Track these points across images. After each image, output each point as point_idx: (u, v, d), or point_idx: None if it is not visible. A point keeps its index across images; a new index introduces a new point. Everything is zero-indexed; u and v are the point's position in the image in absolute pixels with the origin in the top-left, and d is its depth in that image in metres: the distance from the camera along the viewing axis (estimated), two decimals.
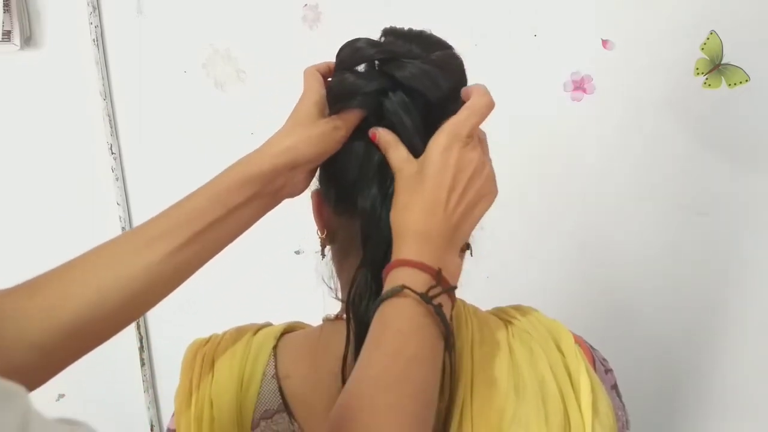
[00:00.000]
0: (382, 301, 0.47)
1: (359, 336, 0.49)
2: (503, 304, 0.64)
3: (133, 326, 1.31)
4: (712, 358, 1.14)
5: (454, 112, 0.51)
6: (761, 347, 1.11)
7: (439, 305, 0.47)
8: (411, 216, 0.50)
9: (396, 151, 0.51)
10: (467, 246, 0.57)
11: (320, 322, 0.59)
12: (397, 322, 0.46)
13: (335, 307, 0.58)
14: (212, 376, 0.57)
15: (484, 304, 0.63)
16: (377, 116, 0.52)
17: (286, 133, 0.54)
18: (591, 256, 1.14)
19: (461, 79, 0.55)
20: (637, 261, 1.12)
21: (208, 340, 0.60)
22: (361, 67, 0.53)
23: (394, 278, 0.48)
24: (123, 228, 1.27)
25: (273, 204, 0.56)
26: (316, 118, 0.53)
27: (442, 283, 0.48)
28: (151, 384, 1.37)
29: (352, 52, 0.53)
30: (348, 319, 0.51)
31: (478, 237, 0.59)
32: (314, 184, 0.58)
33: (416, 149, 0.51)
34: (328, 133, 0.53)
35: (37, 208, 1.30)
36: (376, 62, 0.53)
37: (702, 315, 1.12)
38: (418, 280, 0.47)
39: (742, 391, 1.14)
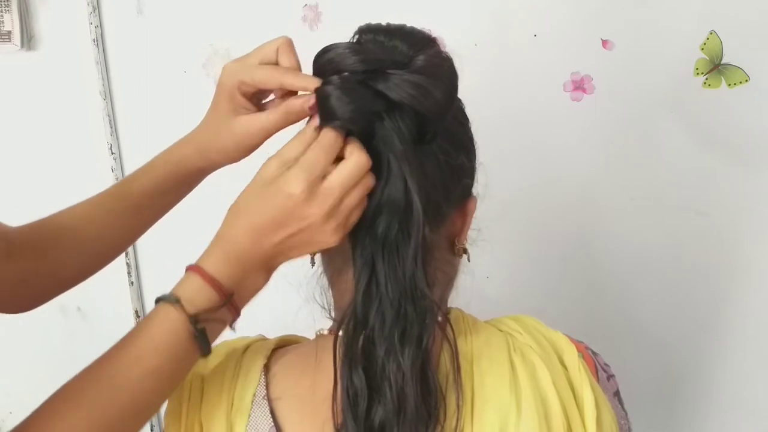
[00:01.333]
0: (158, 300, 0.47)
1: (351, 377, 0.47)
2: (503, 304, 0.64)
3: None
4: (712, 358, 1.14)
5: (447, 120, 0.49)
6: (762, 347, 1.11)
7: (203, 330, 0.47)
8: (238, 223, 0.48)
9: (292, 143, 0.49)
10: (464, 251, 0.56)
11: (322, 331, 0.57)
12: (155, 330, 0.46)
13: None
14: (201, 398, 0.55)
15: (484, 304, 0.63)
16: (365, 134, 0.48)
17: (207, 125, 0.62)
18: (591, 256, 1.14)
19: (453, 80, 0.51)
20: (636, 261, 1.12)
21: None
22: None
23: (183, 282, 0.48)
24: None
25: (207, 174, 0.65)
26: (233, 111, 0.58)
27: (229, 308, 0.48)
28: None
29: (334, 62, 0.49)
30: (335, 358, 0.49)
31: (477, 237, 0.59)
32: None
33: (401, 174, 0.47)
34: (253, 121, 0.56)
35: (37, 208, 1.29)
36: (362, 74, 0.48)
37: (702, 315, 1.12)
38: (202, 296, 0.47)
39: (743, 392, 1.14)
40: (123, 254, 1.29)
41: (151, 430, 1.40)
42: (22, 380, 1.37)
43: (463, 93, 0.55)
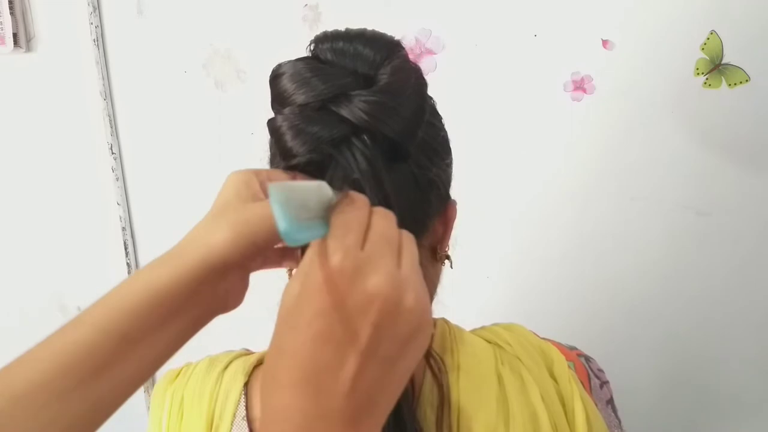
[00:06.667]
0: None
1: None
2: (503, 304, 0.63)
3: None
4: (712, 357, 1.14)
5: (419, 137, 0.45)
6: (762, 347, 1.11)
7: None
8: (284, 395, 0.32)
9: (316, 251, 0.33)
10: (446, 257, 0.54)
11: None
12: None
13: None
14: (181, 419, 0.52)
15: (484, 304, 0.63)
16: (328, 162, 0.43)
17: (211, 221, 0.39)
18: (591, 256, 1.14)
19: (422, 92, 0.46)
20: (637, 261, 1.12)
21: (178, 374, 0.56)
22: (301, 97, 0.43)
23: None
24: (123, 228, 1.27)
25: (204, 321, 0.40)
26: (249, 199, 0.40)
27: None
28: (151, 384, 1.37)
29: (293, 95, 0.43)
30: None
31: (476, 237, 0.58)
32: None
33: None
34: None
35: (37, 208, 1.30)
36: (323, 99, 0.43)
37: (702, 315, 1.12)
38: None
39: (743, 392, 1.14)
40: (123, 254, 1.29)
41: None
42: None
43: (462, 93, 0.54)
